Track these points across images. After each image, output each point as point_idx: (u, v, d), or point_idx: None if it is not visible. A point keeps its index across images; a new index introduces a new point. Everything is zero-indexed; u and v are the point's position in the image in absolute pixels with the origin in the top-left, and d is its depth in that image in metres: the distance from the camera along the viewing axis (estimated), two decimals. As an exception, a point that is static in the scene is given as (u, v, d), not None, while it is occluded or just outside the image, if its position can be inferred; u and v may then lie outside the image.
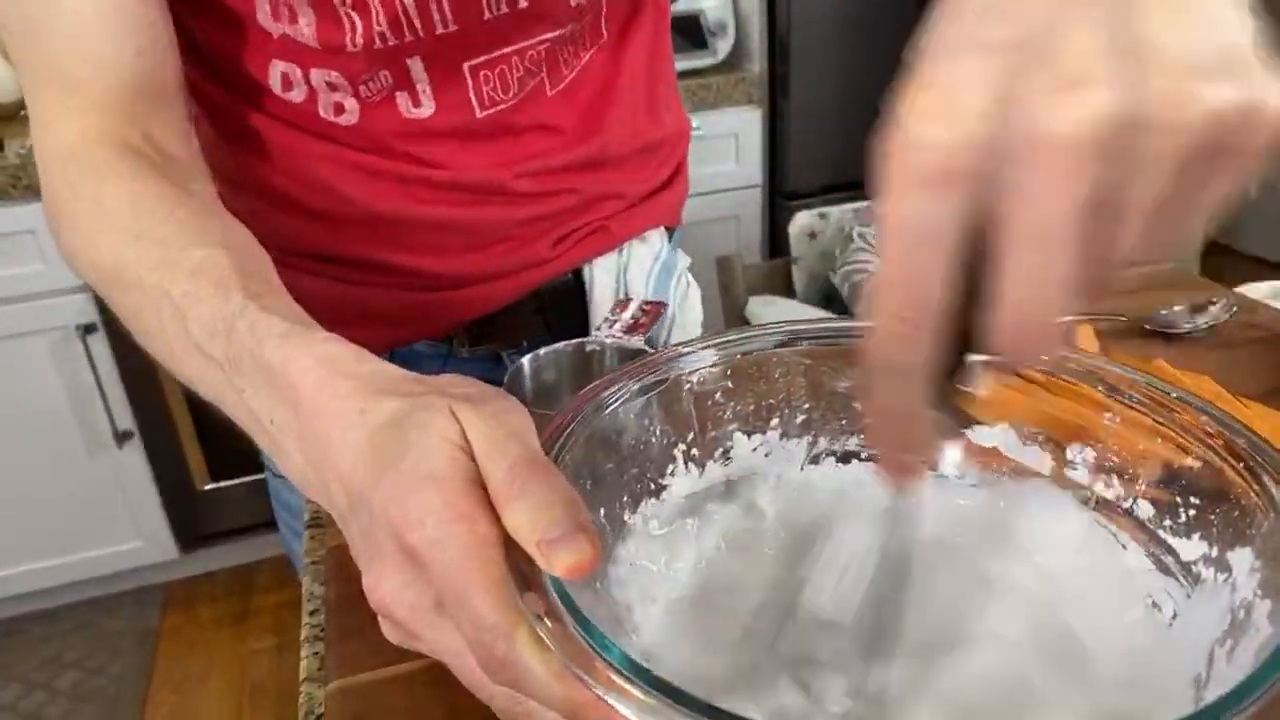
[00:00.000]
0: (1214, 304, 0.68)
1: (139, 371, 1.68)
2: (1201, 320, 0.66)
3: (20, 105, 1.85)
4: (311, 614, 0.50)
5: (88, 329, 1.61)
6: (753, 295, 1.56)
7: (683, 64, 1.81)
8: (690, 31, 1.90)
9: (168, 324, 0.43)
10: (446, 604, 0.30)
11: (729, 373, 0.45)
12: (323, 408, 0.34)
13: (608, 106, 0.68)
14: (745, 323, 1.44)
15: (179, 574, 1.97)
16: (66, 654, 1.82)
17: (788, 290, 1.66)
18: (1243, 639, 0.31)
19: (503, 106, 0.63)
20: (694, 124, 0.84)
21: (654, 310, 0.63)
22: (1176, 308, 0.68)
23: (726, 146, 1.92)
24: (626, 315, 0.62)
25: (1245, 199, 0.25)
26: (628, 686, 0.26)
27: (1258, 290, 0.77)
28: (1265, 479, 0.34)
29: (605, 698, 0.26)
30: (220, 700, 1.71)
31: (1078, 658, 0.37)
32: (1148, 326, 0.66)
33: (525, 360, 0.55)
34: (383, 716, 0.40)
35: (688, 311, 0.78)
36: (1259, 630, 0.31)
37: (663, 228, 0.76)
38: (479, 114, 0.62)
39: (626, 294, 0.74)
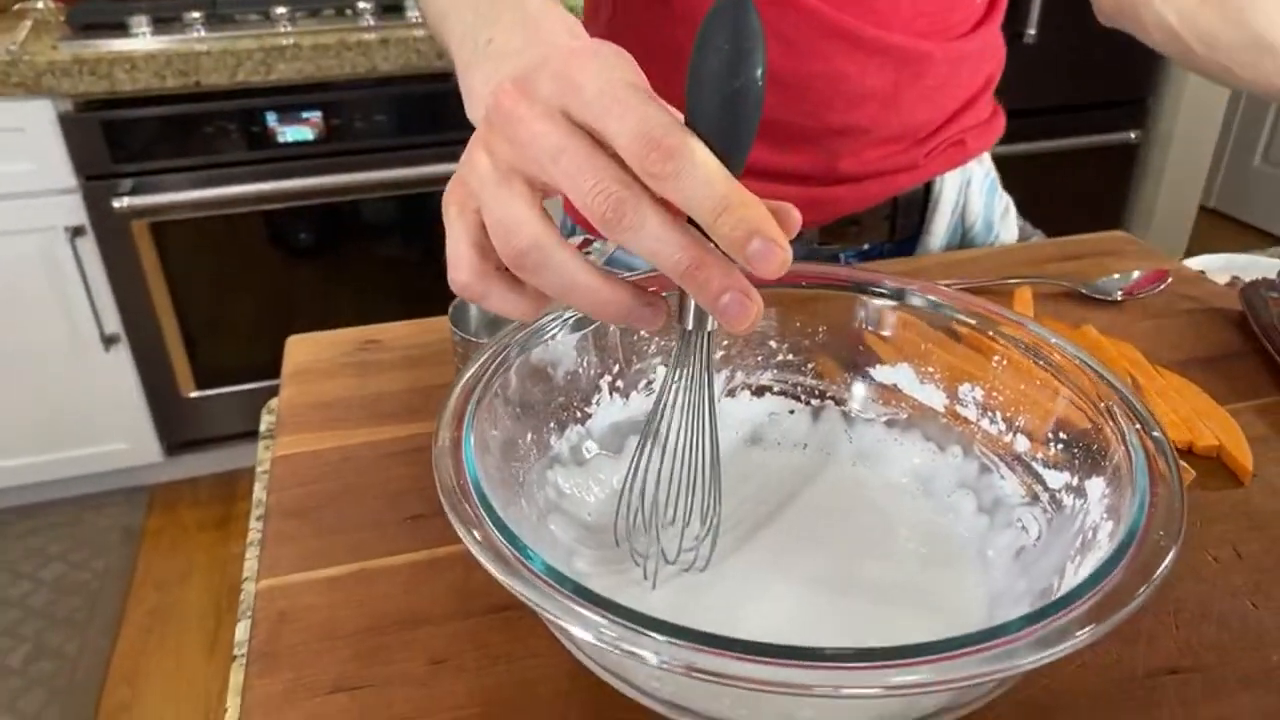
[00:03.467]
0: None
1: (127, 276, 1.70)
2: (1137, 290, 0.68)
3: (11, 2, 1.83)
4: (258, 519, 0.53)
5: (76, 231, 1.62)
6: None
7: None
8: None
9: None
10: (615, 103, 0.30)
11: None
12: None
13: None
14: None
15: (164, 477, 2.02)
16: (52, 547, 1.87)
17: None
18: (1089, 555, 0.35)
19: None
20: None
21: None
22: (1115, 276, 0.70)
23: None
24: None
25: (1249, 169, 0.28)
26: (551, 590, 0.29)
27: (1204, 263, 0.79)
28: (1119, 416, 0.37)
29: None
30: (199, 598, 1.77)
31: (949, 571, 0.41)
32: (1084, 292, 0.68)
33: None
34: (302, 613, 0.43)
35: (1007, 228, 0.87)
36: (1100, 547, 0.34)
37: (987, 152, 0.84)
38: None
39: (966, 206, 0.83)
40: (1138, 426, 0.37)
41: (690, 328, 0.35)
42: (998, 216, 0.86)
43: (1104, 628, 0.29)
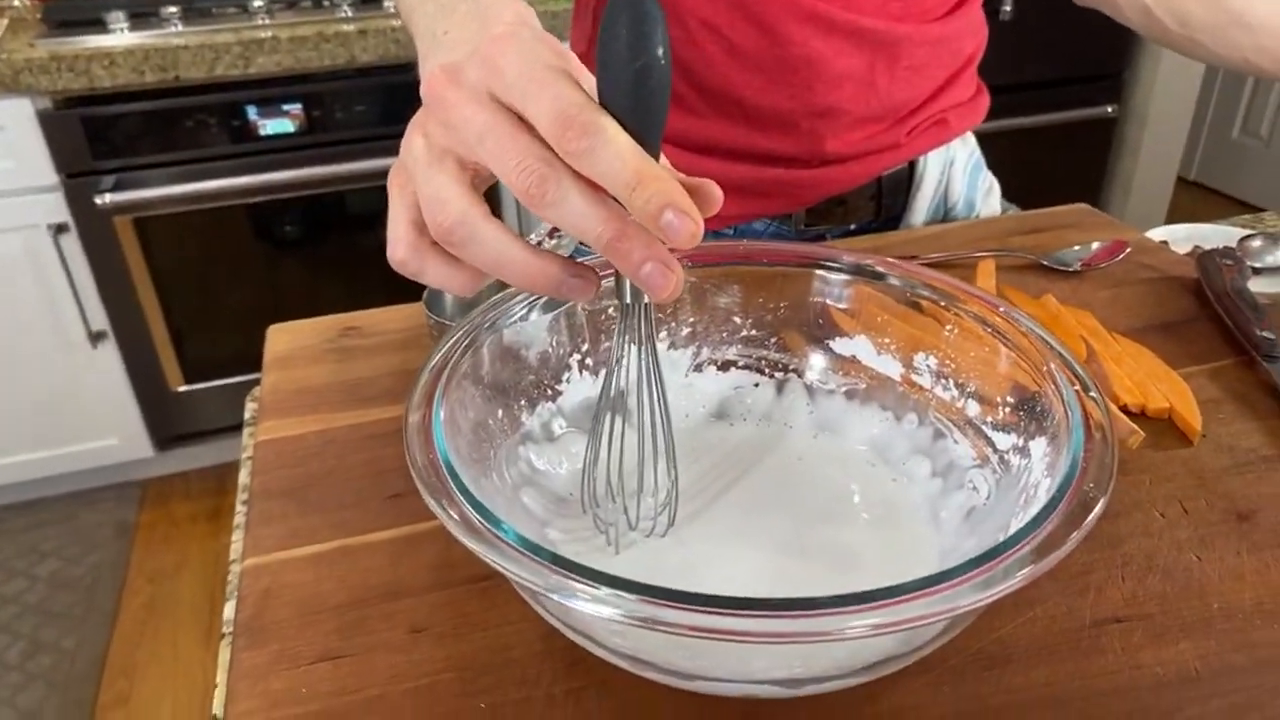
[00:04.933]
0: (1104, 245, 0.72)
1: (111, 272, 1.70)
2: (1096, 261, 0.70)
3: (-11, -2, 1.82)
4: (244, 503, 0.54)
5: (59, 229, 1.63)
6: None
7: None
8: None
9: None
10: (534, 84, 0.31)
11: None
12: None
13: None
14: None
15: (155, 471, 2.03)
16: (45, 544, 1.88)
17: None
18: (1030, 509, 0.37)
19: None
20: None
21: None
22: (1076, 247, 0.72)
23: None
24: (554, 242, 0.66)
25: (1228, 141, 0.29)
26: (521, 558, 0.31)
27: (1167, 233, 0.81)
28: (1060, 378, 0.39)
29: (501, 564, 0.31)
30: (193, 590, 1.79)
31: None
32: (1045, 263, 0.70)
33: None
34: (285, 589, 0.44)
35: (989, 207, 0.89)
36: (1039, 502, 0.36)
37: (970, 131, 0.86)
38: None
39: (948, 186, 0.84)
40: (1076, 388, 0.39)
41: (629, 301, 0.37)
42: (980, 196, 0.88)
43: (1040, 568, 0.31)
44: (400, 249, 0.35)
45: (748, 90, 0.72)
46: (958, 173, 0.84)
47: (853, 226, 0.82)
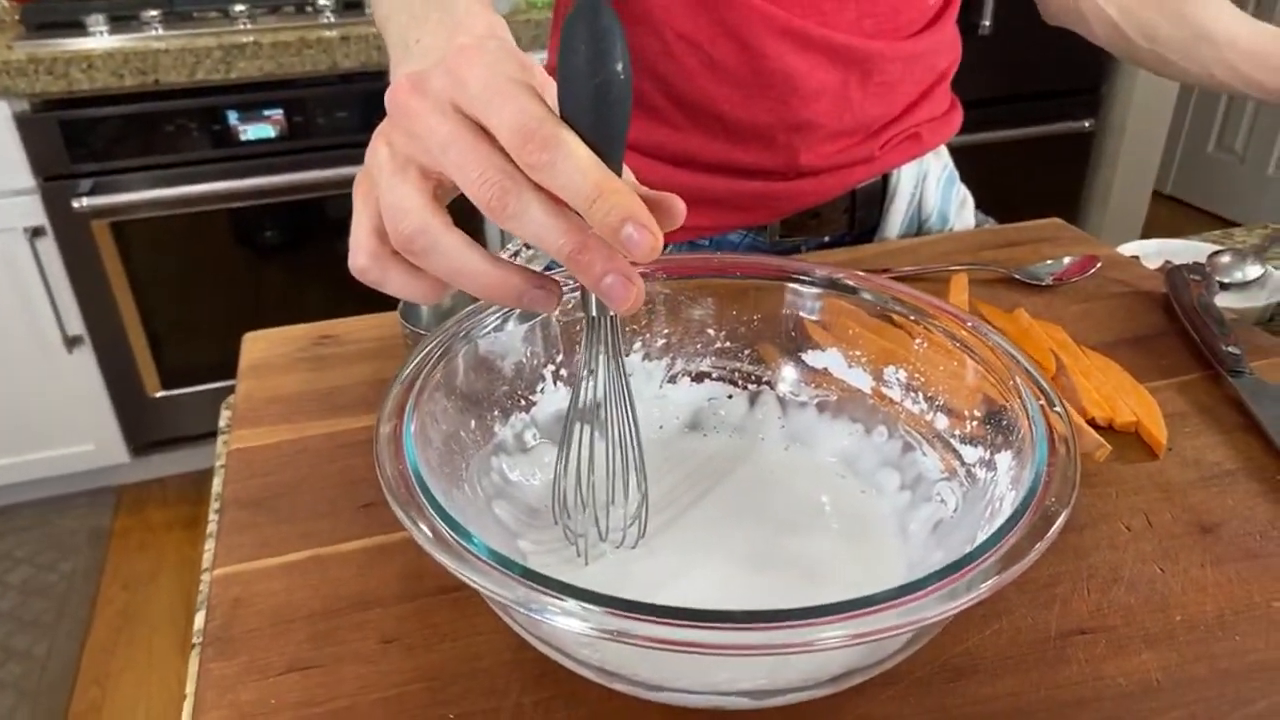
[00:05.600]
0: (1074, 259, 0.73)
1: (88, 277, 1.69)
2: (1068, 275, 0.71)
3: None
4: (217, 512, 0.54)
5: (36, 232, 1.61)
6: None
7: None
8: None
9: None
10: (497, 96, 0.32)
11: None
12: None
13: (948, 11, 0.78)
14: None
15: (131, 478, 2.01)
16: (18, 550, 1.86)
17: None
18: (995, 521, 0.37)
19: None
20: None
21: None
22: (1048, 261, 0.73)
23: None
24: (529, 253, 0.66)
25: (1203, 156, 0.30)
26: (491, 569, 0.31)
27: (1139, 248, 0.82)
28: (1025, 393, 0.40)
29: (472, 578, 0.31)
30: (169, 597, 1.78)
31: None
32: (1018, 277, 0.71)
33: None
34: (257, 599, 0.44)
35: (963, 220, 0.90)
36: (1004, 515, 0.36)
37: (944, 146, 0.87)
38: None
39: (922, 199, 0.85)
40: (1041, 402, 0.39)
41: (594, 314, 0.37)
42: (954, 209, 0.89)
43: (1003, 579, 0.31)
44: (361, 257, 0.35)
45: (725, 104, 0.73)
46: (931, 186, 0.85)
47: (827, 239, 0.83)
